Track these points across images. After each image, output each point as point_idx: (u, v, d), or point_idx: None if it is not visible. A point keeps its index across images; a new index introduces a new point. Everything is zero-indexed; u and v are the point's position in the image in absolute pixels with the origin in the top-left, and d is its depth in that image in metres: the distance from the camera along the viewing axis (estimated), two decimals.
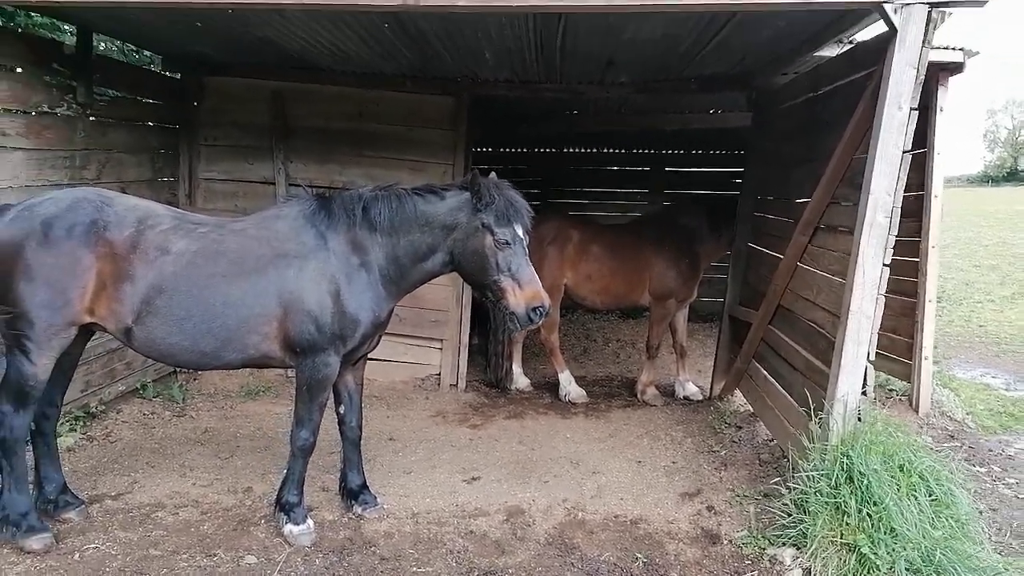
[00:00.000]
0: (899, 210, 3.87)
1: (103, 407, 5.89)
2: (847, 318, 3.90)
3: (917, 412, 6.52)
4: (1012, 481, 5.25)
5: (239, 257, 3.82)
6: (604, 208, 11.19)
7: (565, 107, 8.90)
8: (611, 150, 11.38)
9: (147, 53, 7.65)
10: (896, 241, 4.04)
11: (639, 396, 7.16)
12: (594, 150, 11.48)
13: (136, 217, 3.77)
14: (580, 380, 7.86)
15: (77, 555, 3.80)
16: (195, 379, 6.94)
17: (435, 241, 3.94)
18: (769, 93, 6.32)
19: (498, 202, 3.81)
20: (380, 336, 4.24)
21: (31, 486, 3.97)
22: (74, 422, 5.50)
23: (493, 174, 4.00)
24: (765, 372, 5.62)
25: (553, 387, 7.32)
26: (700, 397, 7.14)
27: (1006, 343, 9.80)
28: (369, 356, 4.42)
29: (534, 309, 3.85)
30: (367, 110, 6.99)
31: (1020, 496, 4.99)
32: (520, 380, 7.42)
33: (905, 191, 4.01)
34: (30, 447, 4.01)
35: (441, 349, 7.25)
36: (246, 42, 5.85)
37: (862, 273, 3.83)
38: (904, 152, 3.81)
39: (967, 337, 10.33)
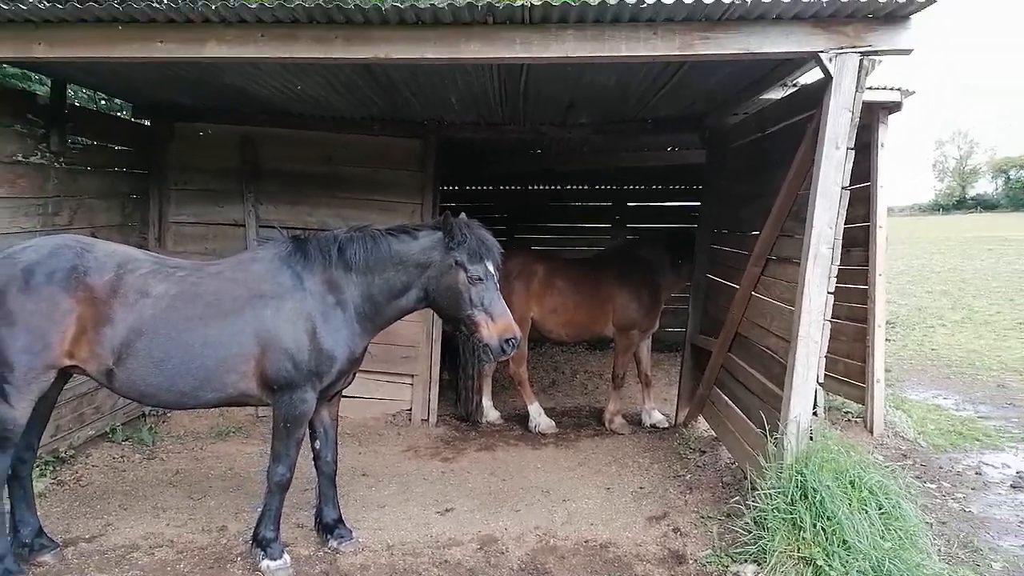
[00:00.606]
0: (840, 241, 4.16)
1: (73, 451, 5.87)
2: (796, 343, 4.15)
3: (872, 433, 6.80)
4: (960, 496, 5.52)
5: (216, 299, 3.95)
6: (568, 243, 11.48)
7: (529, 146, 9.20)
8: (574, 186, 11.70)
9: (117, 101, 7.77)
10: (848, 270, 4.34)
11: (607, 425, 7.34)
12: (558, 187, 11.80)
13: (116, 262, 3.89)
14: (549, 411, 8.02)
15: None
16: (164, 422, 6.96)
17: (409, 279, 4.12)
18: (720, 133, 6.67)
19: (470, 241, 4.02)
20: (355, 372, 4.38)
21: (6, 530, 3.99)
22: (44, 467, 5.49)
23: (463, 214, 4.21)
24: (726, 397, 5.85)
25: (523, 419, 7.47)
26: (666, 424, 7.35)
27: (956, 365, 10.22)
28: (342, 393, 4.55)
29: (507, 341, 4.05)
30: (337, 153, 7.18)
31: (967, 510, 5.26)
32: (491, 413, 7.55)
33: (852, 222, 4.31)
34: (6, 491, 4.03)
35: (412, 384, 7.37)
36: (216, 89, 6.04)
37: (808, 301, 4.10)
38: (843, 188, 4.11)
39: (920, 361, 10.73)
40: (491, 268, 4.09)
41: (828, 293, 4.13)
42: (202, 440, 6.63)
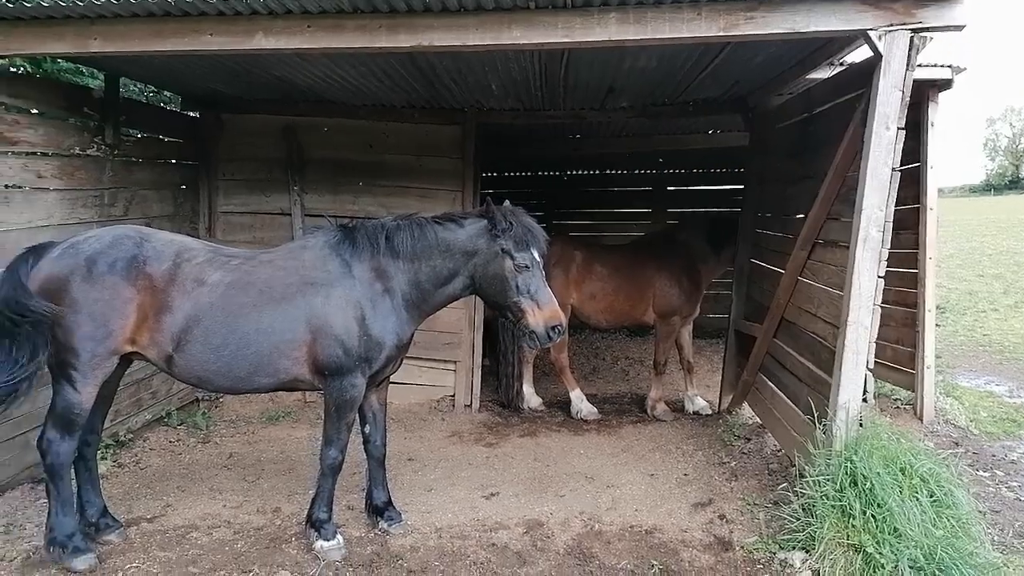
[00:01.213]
0: (891, 224, 4.08)
1: (131, 435, 6.10)
2: (845, 329, 4.10)
3: (921, 420, 6.68)
4: (1015, 484, 5.40)
5: (269, 286, 4.05)
6: (608, 229, 11.44)
7: (568, 131, 9.17)
8: (613, 171, 11.64)
9: (167, 93, 7.95)
10: (896, 254, 4.26)
11: (649, 412, 7.34)
12: (596, 172, 11.75)
13: (173, 251, 4.02)
14: (591, 398, 8.04)
15: (120, 574, 3.99)
16: (217, 407, 7.16)
17: (456, 266, 4.17)
18: (765, 114, 6.57)
19: (516, 229, 4.05)
20: (403, 358, 4.45)
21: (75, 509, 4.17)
22: (104, 450, 5.70)
23: (507, 202, 4.24)
24: (771, 384, 5.80)
25: (565, 405, 7.50)
26: (709, 411, 7.31)
27: (1009, 351, 9.95)
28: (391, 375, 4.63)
29: (553, 327, 4.09)
30: (378, 141, 7.26)
31: (1022, 499, 5.14)
32: (532, 400, 7.60)
33: (902, 204, 4.22)
34: (72, 473, 4.21)
35: (455, 371, 7.45)
36: (262, 80, 6.15)
37: (858, 286, 4.04)
38: (893, 170, 4.03)
39: (971, 346, 10.46)
40: (536, 256, 4.12)
41: (878, 277, 4.06)
42: (253, 424, 6.82)
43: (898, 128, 4.01)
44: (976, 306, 13.71)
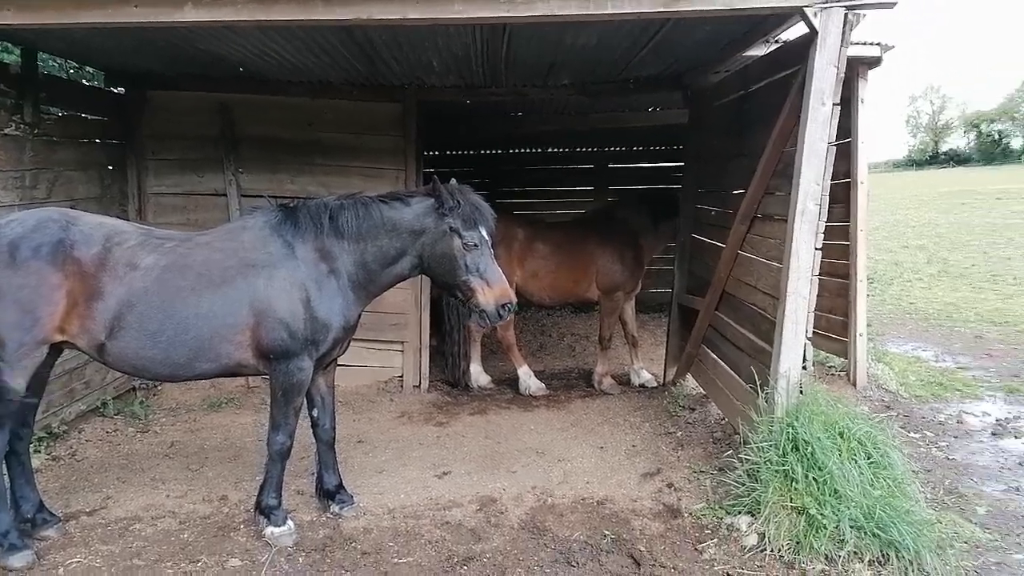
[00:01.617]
0: (827, 198, 4.20)
1: (65, 427, 5.85)
2: (785, 300, 4.22)
3: (855, 386, 6.95)
4: (943, 444, 5.69)
5: (207, 269, 3.92)
6: (550, 207, 11.48)
7: (510, 109, 9.12)
8: (555, 150, 11.66)
9: (89, 69, 7.56)
10: (828, 226, 4.39)
11: (596, 386, 7.44)
12: (538, 150, 11.75)
13: (103, 234, 3.84)
14: (539, 374, 8.10)
15: (61, 570, 3.85)
16: (155, 395, 6.93)
17: (403, 246, 4.11)
18: (703, 91, 6.65)
19: (463, 207, 4.02)
20: (350, 340, 4.38)
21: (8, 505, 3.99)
22: (38, 443, 5.45)
23: (454, 180, 4.20)
24: (714, 355, 5.95)
25: (513, 382, 7.54)
26: (654, 384, 7.45)
27: (934, 318, 10.44)
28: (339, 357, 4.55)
29: (503, 306, 4.09)
30: (316, 119, 7.07)
31: (950, 457, 5.43)
32: (481, 378, 7.60)
33: (833, 179, 4.35)
34: (4, 468, 4.02)
35: (402, 351, 7.39)
36: (191, 55, 5.89)
37: (796, 257, 4.16)
38: (829, 144, 4.15)
39: (899, 314, 10.94)
40: (485, 234, 4.10)
41: (816, 249, 4.19)
42: (195, 412, 6.63)
43: (833, 103, 4.12)
44: (902, 276, 14.33)
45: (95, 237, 3.82)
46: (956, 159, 74.57)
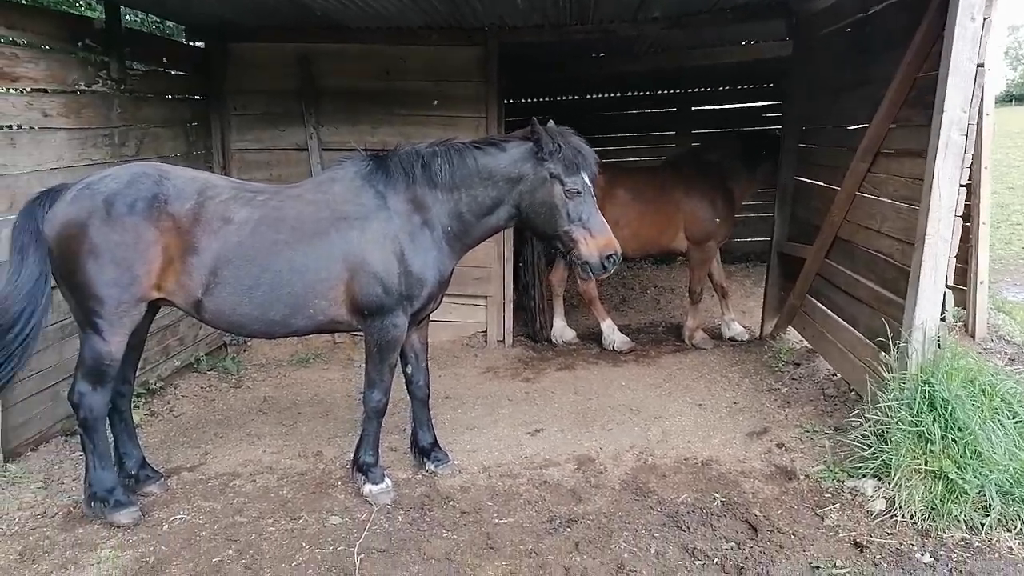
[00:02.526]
0: (975, 127, 3.72)
1: (161, 383, 5.94)
2: (923, 243, 3.79)
3: (974, 338, 6.40)
4: None
5: (300, 222, 3.77)
6: (632, 154, 11.03)
7: (593, 49, 8.66)
8: (636, 93, 11.14)
9: (170, 24, 7.51)
10: None
11: (688, 341, 7.11)
12: (619, 94, 11.26)
13: (196, 189, 3.73)
14: (624, 328, 7.83)
15: (166, 526, 3.86)
16: (246, 351, 6.99)
17: (500, 195, 3.86)
18: (811, 18, 6.07)
19: (565, 151, 3.73)
20: (443, 295, 4.20)
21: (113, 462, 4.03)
22: (136, 399, 5.52)
23: (552, 122, 3.90)
24: (823, 307, 5.54)
25: (599, 337, 7.28)
26: (746, 337, 7.08)
27: None
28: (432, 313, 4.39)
29: (607, 257, 3.81)
30: (394, 67, 6.84)
31: None
32: (566, 333, 7.35)
33: None
34: (108, 425, 4.05)
35: (486, 306, 7.22)
36: (270, 5, 5.72)
37: (938, 196, 3.72)
38: (979, 66, 3.65)
39: (1011, 260, 10.14)
40: (588, 180, 3.81)
41: (961, 186, 3.74)
42: (284, 367, 6.66)
43: (985, 18, 3.61)
44: (1009, 219, 13.29)
45: (188, 191, 3.72)
46: None
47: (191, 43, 6.99)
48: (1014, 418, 3.71)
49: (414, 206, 3.85)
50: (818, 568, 3.35)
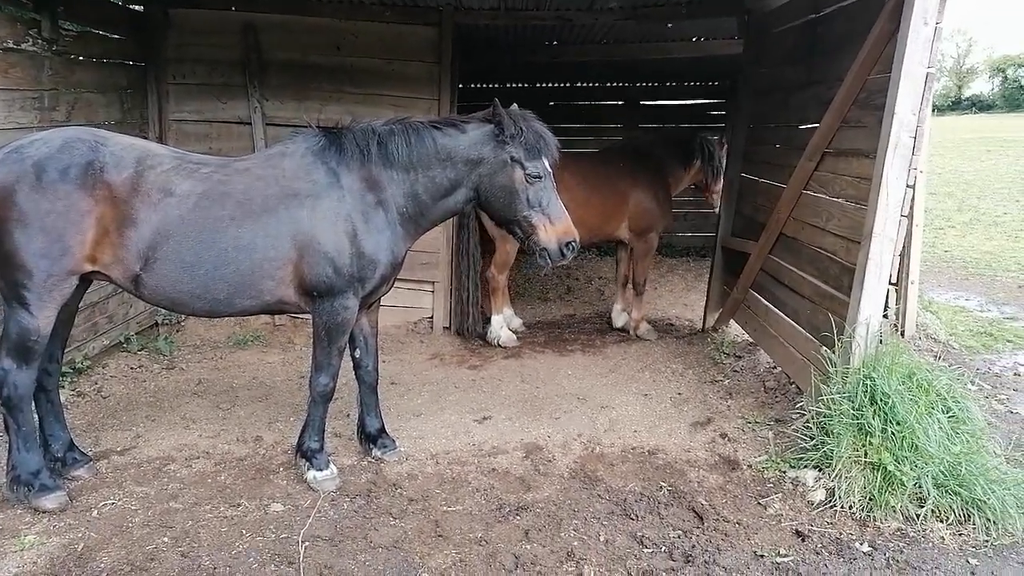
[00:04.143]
0: (923, 130, 3.84)
1: (88, 362, 5.63)
2: (870, 241, 3.90)
3: (903, 336, 6.65)
4: (1003, 397, 5.44)
5: (247, 198, 3.61)
6: (580, 144, 11.03)
7: (547, 37, 8.62)
8: (587, 84, 11.16)
9: None
10: None
11: (632, 332, 7.16)
12: (567, 84, 11.26)
13: (135, 157, 3.52)
14: (569, 318, 7.92)
15: (95, 512, 3.67)
16: (179, 330, 6.71)
17: (458, 177, 3.78)
18: (764, 17, 6.17)
19: (527, 134, 3.67)
20: (396, 278, 4.10)
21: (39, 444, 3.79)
22: (62, 378, 5.24)
23: (515, 105, 3.84)
24: (766, 301, 5.66)
25: (547, 325, 7.29)
26: (651, 336, 7.02)
27: (972, 266, 10.09)
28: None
29: (566, 244, 3.78)
30: (345, 43, 6.64)
31: (1013, 411, 5.18)
32: (502, 334, 6.80)
33: None
34: (33, 406, 3.80)
35: (433, 292, 7.11)
36: None
37: (885, 195, 3.82)
38: (928, 69, 3.76)
39: (935, 262, 10.59)
40: (548, 165, 3.76)
41: (908, 187, 3.85)
42: (220, 349, 6.42)
43: (937, 24, 3.72)
44: (933, 223, 13.87)
45: (127, 159, 3.51)
46: (979, 105, 72.49)
47: (129, 5, 6.61)
48: (947, 413, 3.86)
49: (368, 185, 3.73)
50: (762, 556, 3.41)
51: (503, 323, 6.89)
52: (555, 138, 3.82)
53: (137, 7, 6.53)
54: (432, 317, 7.14)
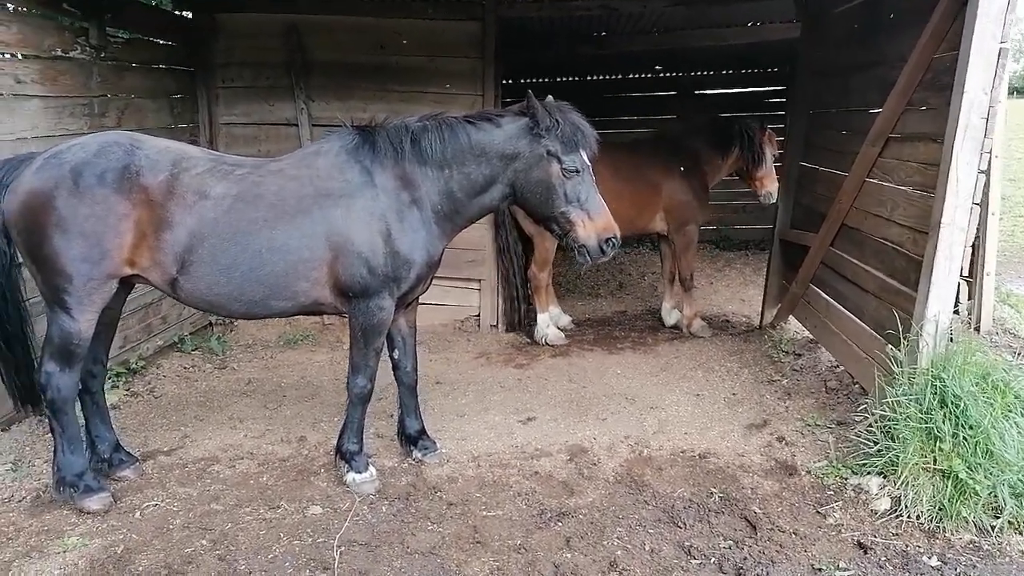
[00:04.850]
0: (996, 110, 3.53)
1: (143, 362, 5.75)
2: (938, 232, 3.61)
3: (979, 331, 6.24)
4: None
5: (281, 199, 3.57)
6: (634, 136, 10.80)
7: (594, 27, 8.41)
8: (637, 75, 10.90)
9: None
10: None
11: (685, 329, 6.91)
12: (619, 76, 11.01)
13: (170, 160, 3.52)
14: (621, 315, 7.72)
15: (138, 513, 3.69)
16: (232, 330, 6.81)
17: (493, 172, 3.66)
18: None
19: (563, 127, 3.52)
20: (433, 277, 4.01)
21: (84, 446, 3.85)
22: (115, 378, 5.37)
23: (550, 97, 3.70)
24: (827, 296, 5.36)
25: (596, 323, 7.11)
26: (706, 333, 6.75)
27: None
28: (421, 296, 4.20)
29: (606, 240, 3.62)
30: (389, 41, 6.60)
31: None
32: (549, 332, 6.65)
33: None
34: (79, 406, 3.87)
35: (479, 290, 7.02)
36: None
37: (955, 182, 3.53)
38: (1002, 44, 3.45)
39: (1014, 252, 9.98)
40: (587, 158, 3.60)
41: (979, 172, 3.55)
42: (271, 349, 6.47)
43: None
44: (1011, 211, 13.08)
45: (162, 163, 3.51)
46: None
47: (178, 12, 6.73)
48: None
49: (402, 183, 3.65)
50: (821, 570, 3.19)
51: (549, 321, 6.74)
52: (593, 130, 3.66)
53: (185, 13, 6.62)
54: (479, 315, 7.05)
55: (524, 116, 3.62)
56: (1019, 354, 5.82)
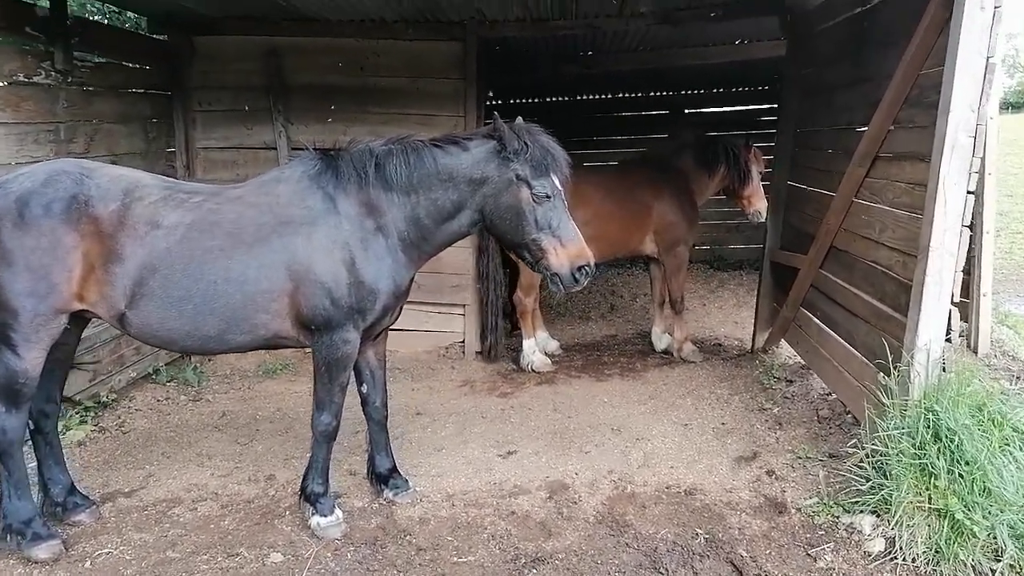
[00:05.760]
0: (984, 128, 3.37)
1: (114, 395, 5.56)
2: (927, 256, 3.44)
3: (976, 353, 6.06)
4: None
5: (238, 227, 3.41)
6: (625, 156, 10.68)
7: (578, 47, 8.31)
8: (626, 94, 10.81)
9: (130, 14, 7.15)
10: None
11: (675, 354, 6.74)
12: (608, 96, 10.92)
13: (121, 189, 3.36)
14: (610, 339, 7.55)
15: (88, 562, 3.49)
16: (210, 360, 6.61)
17: (461, 198, 3.50)
18: (806, 14, 5.74)
19: (532, 150, 3.36)
20: (401, 307, 3.84)
21: (36, 490, 3.66)
22: (84, 413, 5.19)
23: (520, 119, 3.55)
24: (817, 320, 5.19)
25: (584, 348, 6.93)
26: (697, 358, 6.60)
27: None
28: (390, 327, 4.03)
29: (579, 268, 3.45)
30: (368, 63, 6.49)
31: None
32: (535, 359, 6.48)
33: None
34: (32, 447, 3.68)
35: (464, 315, 6.85)
36: None
37: (943, 203, 3.37)
38: (989, 59, 3.30)
39: (1012, 270, 9.82)
40: (558, 183, 3.44)
41: (968, 192, 3.38)
42: (249, 379, 6.29)
43: (995, 7, 3.26)
44: (1009, 227, 12.94)
45: (113, 192, 3.35)
46: None
47: (153, 35, 6.61)
48: None
49: (367, 210, 3.49)
50: None
51: (535, 347, 6.56)
52: (565, 153, 3.50)
53: (161, 36, 6.51)
54: (464, 341, 6.88)
55: (492, 139, 3.47)
56: (1018, 378, 5.65)
